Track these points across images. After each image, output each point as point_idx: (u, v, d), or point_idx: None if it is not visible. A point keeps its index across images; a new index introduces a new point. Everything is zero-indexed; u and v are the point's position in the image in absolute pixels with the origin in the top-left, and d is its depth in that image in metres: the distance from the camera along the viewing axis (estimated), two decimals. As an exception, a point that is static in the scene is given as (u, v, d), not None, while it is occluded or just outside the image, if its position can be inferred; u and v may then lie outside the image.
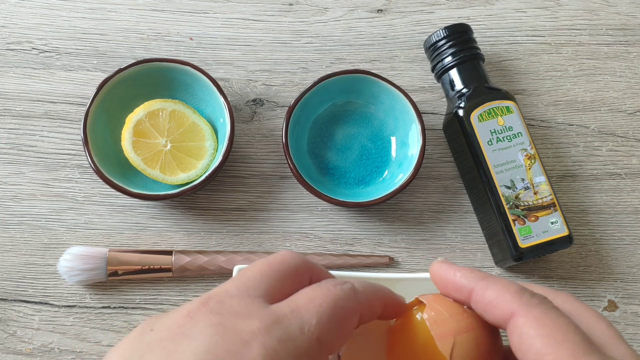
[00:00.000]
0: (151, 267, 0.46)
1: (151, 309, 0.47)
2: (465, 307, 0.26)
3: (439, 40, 0.49)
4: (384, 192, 0.46)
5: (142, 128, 0.47)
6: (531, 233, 0.44)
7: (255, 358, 0.20)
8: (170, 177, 0.47)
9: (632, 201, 0.50)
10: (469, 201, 0.49)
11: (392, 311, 0.27)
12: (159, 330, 0.22)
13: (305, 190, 0.47)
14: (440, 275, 0.26)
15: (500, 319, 0.23)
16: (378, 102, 0.49)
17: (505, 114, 0.46)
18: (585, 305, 0.25)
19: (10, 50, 0.52)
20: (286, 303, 0.23)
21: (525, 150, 0.45)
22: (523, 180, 0.45)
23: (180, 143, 0.47)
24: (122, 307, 0.47)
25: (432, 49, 0.49)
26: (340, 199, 0.46)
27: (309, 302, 0.23)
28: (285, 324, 0.22)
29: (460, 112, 0.46)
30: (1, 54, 0.52)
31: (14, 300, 0.47)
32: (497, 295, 0.23)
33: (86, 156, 0.45)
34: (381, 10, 0.54)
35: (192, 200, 0.49)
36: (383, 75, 0.49)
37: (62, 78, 0.51)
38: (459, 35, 0.48)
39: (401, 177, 0.47)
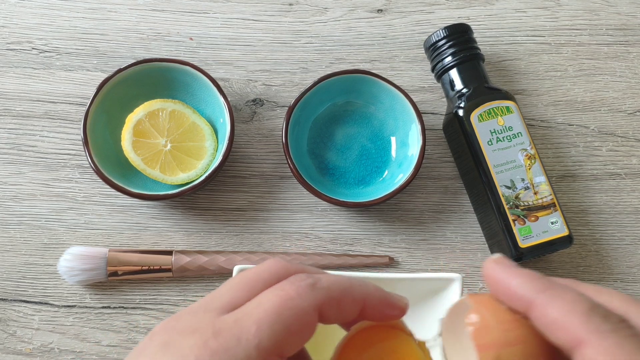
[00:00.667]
0: (151, 267, 0.46)
1: (151, 309, 0.47)
2: (519, 316, 0.22)
3: (439, 40, 0.49)
4: (384, 192, 0.46)
5: (142, 128, 0.47)
6: (531, 233, 0.44)
7: None
8: (170, 177, 0.47)
9: (632, 201, 0.50)
10: (469, 201, 0.49)
11: (378, 312, 0.25)
12: (132, 353, 0.23)
13: (305, 190, 0.47)
14: (495, 278, 0.22)
15: (564, 343, 0.20)
16: (378, 102, 0.49)
17: (505, 114, 0.46)
18: None
19: (10, 50, 0.52)
20: (235, 312, 0.23)
21: (525, 150, 0.45)
22: (523, 180, 0.45)
23: (180, 143, 0.47)
24: (122, 307, 0.47)
25: (432, 49, 0.49)
26: (340, 199, 0.46)
27: (255, 307, 0.22)
28: (223, 336, 0.22)
29: (460, 112, 0.46)
30: (1, 54, 0.52)
31: (14, 300, 0.47)
32: (562, 315, 0.20)
33: (86, 156, 0.45)
34: (381, 10, 0.54)
35: (192, 200, 0.49)
36: (383, 75, 0.49)
37: (62, 78, 0.51)
38: (459, 35, 0.48)
39: (401, 177, 0.47)
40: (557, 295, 0.20)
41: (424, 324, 0.42)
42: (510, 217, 0.44)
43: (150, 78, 0.48)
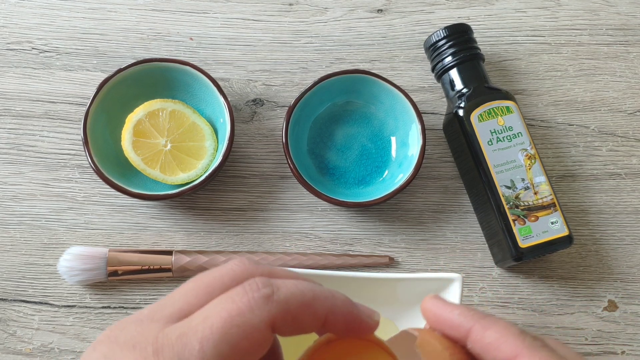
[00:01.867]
0: (151, 267, 0.46)
1: (151, 309, 0.47)
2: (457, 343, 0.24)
3: (439, 40, 0.49)
4: (384, 192, 0.46)
5: (142, 128, 0.47)
6: (531, 233, 0.44)
7: None
8: (170, 177, 0.47)
9: (632, 201, 0.50)
10: (469, 201, 0.49)
11: (344, 328, 0.23)
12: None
13: (305, 190, 0.47)
14: (434, 311, 0.25)
15: None
16: (378, 102, 0.49)
17: (505, 114, 0.46)
18: (570, 349, 0.25)
19: (10, 50, 0.52)
20: (181, 324, 0.21)
21: (525, 150, 0.45)
22: (523, 180, 0.45)
23: (180, 143, 0.47)
24: (122, 307, 0.47)
25: (432, 49, 0.49)
26: (340, 199, 0.46)
27: (201, 321, 0.21)
28: (164, 354, 0.20)
29: (460, 112, 0.46)
30: (1, 54, 0.52)
31: (14, 300, 0.47)
32: (499, 336, 0.23)
33: (86, 156, 0.45)
34: (381, 10, 0.54)
35: (192, 200, 0.49)
36: (383, 75, 0.49)
37: (62, 78, 0.51)
38: (459, 35, 0.48)
39: (401, 177, 0.47)
40: (492, 322, 0.23)
41: (424, 324, 0.42)
42: (510, 217, 0.44)
43: (150, 78, 0.48)
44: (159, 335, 0.21)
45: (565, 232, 0.44)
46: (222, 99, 0.47)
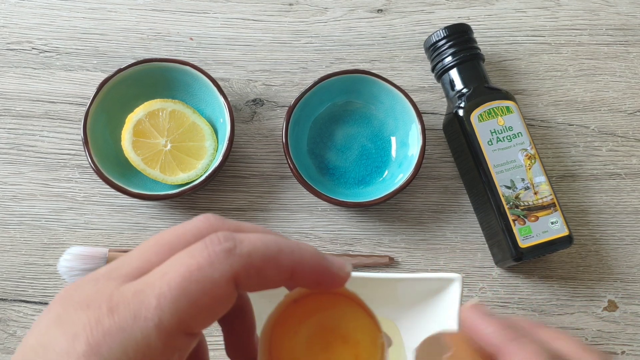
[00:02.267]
0: (151, 267, 0.46)
1: (151, 309, 0.47)
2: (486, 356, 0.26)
3: (439, 40, 0.49)
4: (384, 192, 0.46)
5: (142, 128, 0.47)
6: (531, 233, 0.44)
7: (80, 355, 0.18)
8: (170, 177, 0.47)
9: (632, 201, 0.50)
10: (469, 201, 0.49)
11: (312, 282, 0.22)
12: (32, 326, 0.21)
13: (305, 190, 0.47)
14: (472, 323, 0.26)
15: None
16: (378, 102, 0.49)
17: (505, 114, 0.46)
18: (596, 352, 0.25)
19: (10, 50, 0.52)
20: (137, 282, 0.20)
21: (525, 150, 0.45)
22: (523, 180, 0.45)
23: (180, 143, 0.47)
24: (122, 307, 0.47)
25: (432, 49, 0.49)
26: (340, 199, 0.46)
27: (159, 277, 0.19)
28: (119, 312, 0.19)
29: (460, 112, 0.46)
30: (1, 54, 0.52)
31: (14, 300, 0.47)
32: None
33: (86, 156, 0.45)
34: (381, 10, 0.54)
35: (192, 200, 0.49)
36: (383, 75, 0.49)
37: (62, 78, 0.51)
38: (459, 35, 0.48)
39: (401, 177, 0.47)
40: (523, 345, 0.24)
41: (424, 324, 0.42)
42: (510, 217, 0.44)
43: (150, 78, 0.48)
44: (115, 293, 0.20)
45: (565, 232, 0.44)
46: (222, 99, 0.47)
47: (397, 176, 0.48)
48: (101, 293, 0.20)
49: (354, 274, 0.42)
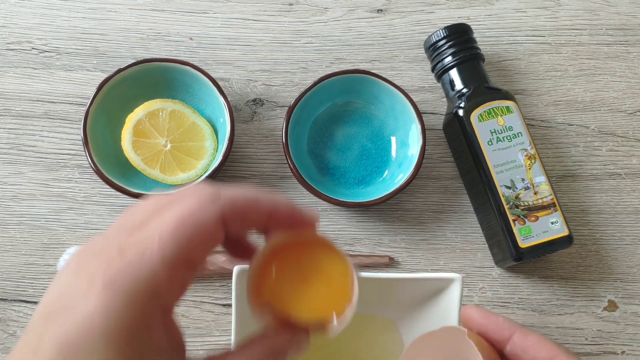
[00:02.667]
0: (151, 267, 0.46)
1: (151, 309, 0.47)
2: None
3: (439, 40, 0.49)
4: (384, 192, 0.46)
5: (142, 128, 0.47)
6: (531, 233, 0.44)
7: (96, 290, 0.22)
8: (170, 177, 0.47)
9: (632, 201, 0.50)
10: (469, 201, 0.49)
11: (286, 224, 0.26)
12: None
13: (305, 190, 0.47)
14: (481, 316, 0.30)
15: (543, 357, 0.28)
16: (378, 102, 0.49)
17: (505, 114, 0.46)
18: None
19: (10, 50, 0.52)
20: (141, 231, 0.24)
21: (525, 150, 0.45)
22: (523, 180, 0.45)
23: (180, 143, 0.47)
24: (122, 307, 0.47)
25: (432, 49, 0.49)
26: (340, 199, 0.46)
27: (159, 223, 0.23)
28: (127, 253, 0.23)
29: (460, 112, 0.46)
30: (1, 54, 0.52)
31: (14, 300, 0.47)
32: (539, 340, 0.29)
33: (86, 156, 0.45)
34: (381, 10, 0.54)
35: (192, 200, 0.49)
36: (383, 75, 0.49)
37: (62, 78, 0.51)
38: (459, 35, 0.48)
39: (401, 177, 0.47)
40: (531, 330, 0.30)
41: (424, 324, 0.42)
42: (510, 217, 0.44)
43: (150, 78, 0.48)
44: (122, 241, 0.23)
45: (565, 232, 0.44)
46: (222, 99, 0.47)
47: (397, 176, 0.48)
48: (111, 243, 0.23)
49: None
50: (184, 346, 0.25)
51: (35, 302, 0.46)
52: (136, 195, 0.45)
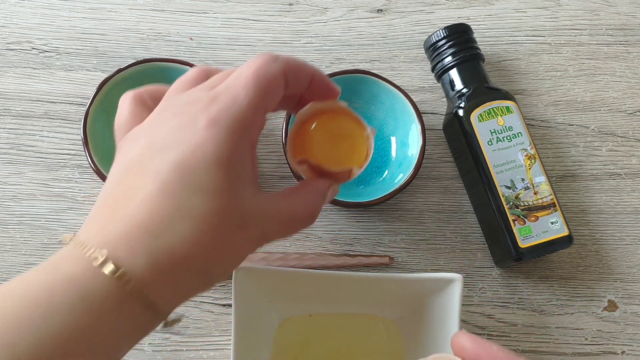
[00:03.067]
0: (151, 267, 0.46)
1: (151, 309, 0.47)
2: None
3: (439, 40, 0.49)
4: (384, 192, 0.46)
5: (142, 128, 0.47)
6: (531, 233, 0.44)
7: (202, 126, 0.28)
8: (170, 177, 0.47)
9: (632, 201, 0.50)
10: (469, 201, 0.49)
11: (321, 87, 0.34)
12: (146, 122, 0.30)
13: (305, 190, 0.47)
14: (473, 344, 0.29)
15: None
16: (378, 102, 0.49)
17: (505, 114, 0.46)
18: None
19: (10, 50, 0.52)
20: (222, 84, 0.30)
21: (525, 150, 0.45)
22: (523, 180, 0.45)
23: (180, 143, 0.47)
24: (122, 307, 0.47)
25: (432, 49, 0.49)
26: (340, 199, 0.46)
27: (237, 77, 0.30)
28: (220, 99, 0.29)
29: (460, 112, 0.46)
30: (1, 54, 0.52)
31: (14, 300, 0.46)
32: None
33: (86, 156, 0.45)
34: (381, 10, 0.54)
35: (192, 200, 0.49)
36: (383, 75, 0.49)
37: (62, 78, 0.51)
38: (459, 35, 0.48)
39: (401, 177, 0.47)
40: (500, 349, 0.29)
41: (424, 324, 0.42)
42: (510, 217, 0.44)
43: (150, 78, 0.48)
44: (208, 94, 0.29)
45: (565, 232, 0.44)
46: (222, 99, 0.47)
47: (397, 176, 0.48)
48: (200, 94, 0.29)
49: (354, 274, 0.42)
50: (258, 176, 0.32)
51: (35, 302, 0.46)
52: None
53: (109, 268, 0.25)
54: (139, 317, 0.26)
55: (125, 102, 0.33)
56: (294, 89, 0.32)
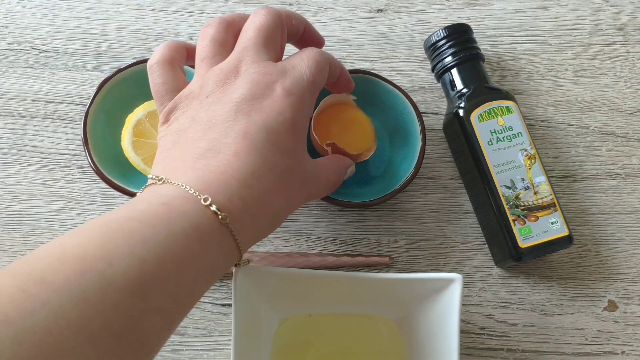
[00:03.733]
0: (151, 267, 0.46)
1: (151, 309, 0.47)
2: None
3: (439, 40, 0.49)
4: (384, 192, 0.46)
5: (142, 128, 0.47)
6: (531, 233, 0.44)
7: (279, 92, 0.34)
8: (170, 177, 0.47)
9: (632, 201, 0.50)
10: (469, 201, 0.49)
11: (345, 80, 0.42)
12: (211, 86, 0.35)
13: (305, 190, 0.47)
14: None
15: None
16: (378, 102, 0.49)
17: (505, 114, 0.46)
18: None
19: (10, 50, 0.52)
20: (287, 62, 0.36)
21: (525, 150, 0.45)
22: (523, 180, 0.45)
23: (180, 143, 0.47)
24: (122, 307, 0.47)
25: (432, 49, 0.49)
26: (340, 199, 0.46)
27: (300, 60, 0.36)
28: (291, 74, 0.35)
29: (461, 112, 0.46)
30: (1, 54, 0.52)
31: (14, 300, 0.46)
32: None
33: (86, 156, 0.45)
34: (381, 10, 0.54)
35: (192, 200, 0.49)
36: (383, 75, 0.49)
37: (62, 78, 0.51)
38: (459, 35, 0.48)
39: (401, 177, 0.47)
40: None
41: (424, 324, 0.42)
42: (510, 217, 0.44)
43: (150, 78, 0.48)
44: (278, 66, 0.36)
45: (565, 232, 0.44)
46: (222, 99, 0.47)
47: (397, 176, 0.48)
48: (270, 67, 0.35)
49: (354, 274, 0.42)
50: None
51: (35, 302, 0.46)
52: (136, 196, 0.45)
53: (213, 208, 0.30)
54: (230, 254, 0.31)
55: (158, 69, 0.37)
56: (331, 78, 0.40)
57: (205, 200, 0.30)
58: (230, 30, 0.38)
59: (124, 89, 0.48)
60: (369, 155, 0.44)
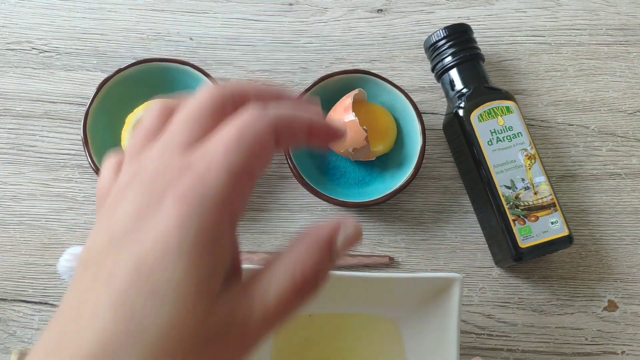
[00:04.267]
0: (151, 267, 0.46)
1: (151, 309, 0.47)
2: None
3: (439, 40, 0.49)
4: (384, 192, 0.46)
5: (142, 128, 0.46)
6: (531, 233, 0.44)
7: (169, 208, 0.22)
8: (170, 177, 0.47)
9: (632, 201, 0.50)
10: (469, 201, 0.49)
11: (323, 135, 0.28)
12: (109, 198, 0.25)
13: (305, 190, 0.47)
14: None
15: None
16: (378, 102, 0.49)
17: (505, 114, 0.46)
18: None
19: (10, 50, 0.52)
20: (200, 147, 0.24)
21: (525, 150, 0.45)
22: (523, 180, 0.45)
23: (180, 143, 0.47)
24: (122, 307, 0.47)
25: (432, 49, 0.49)
26: (340, 199, 0.46)
27: (218, 139, 0.24)
28: (192, 169, 0.23)
29: (460, 112, 0.46)
30: (1, 54, 0.52)
31: (14, 300, 0.47)
32: None
33: (86, 156, 0.45)
34: (381, 10, 0.54)
35: (192, 200, 0.49)
36: (383, 75, 0.49)
37: (62, 78, 0.51)
38: (459, 35, 0.48)
39: (401, 177, 0.47)
40: None
41: (424, 324, 0.42)
42: (510, 217, 0.44)
43: (150, 78, 0.48)
44: (183, 157, 0.24)
45: (565, 232, 0.44)
46: (222, 99, 0.47)
47: (397, 176, 0.48)
48: (172, 161, 0.24)
49: (354, 274, 0.42)
50: (240, 255, 0.28)
51: (35, 302, 0.46)
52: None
53: None
54: None
55: (108, 164, 0.27)
56: (288, 143, 0.26)
57: None
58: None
59: (124, 89, 0.48)
60: (380, 154, 0.47)
